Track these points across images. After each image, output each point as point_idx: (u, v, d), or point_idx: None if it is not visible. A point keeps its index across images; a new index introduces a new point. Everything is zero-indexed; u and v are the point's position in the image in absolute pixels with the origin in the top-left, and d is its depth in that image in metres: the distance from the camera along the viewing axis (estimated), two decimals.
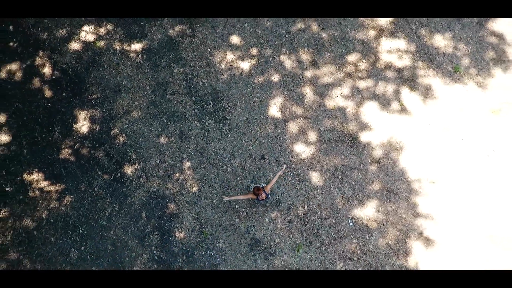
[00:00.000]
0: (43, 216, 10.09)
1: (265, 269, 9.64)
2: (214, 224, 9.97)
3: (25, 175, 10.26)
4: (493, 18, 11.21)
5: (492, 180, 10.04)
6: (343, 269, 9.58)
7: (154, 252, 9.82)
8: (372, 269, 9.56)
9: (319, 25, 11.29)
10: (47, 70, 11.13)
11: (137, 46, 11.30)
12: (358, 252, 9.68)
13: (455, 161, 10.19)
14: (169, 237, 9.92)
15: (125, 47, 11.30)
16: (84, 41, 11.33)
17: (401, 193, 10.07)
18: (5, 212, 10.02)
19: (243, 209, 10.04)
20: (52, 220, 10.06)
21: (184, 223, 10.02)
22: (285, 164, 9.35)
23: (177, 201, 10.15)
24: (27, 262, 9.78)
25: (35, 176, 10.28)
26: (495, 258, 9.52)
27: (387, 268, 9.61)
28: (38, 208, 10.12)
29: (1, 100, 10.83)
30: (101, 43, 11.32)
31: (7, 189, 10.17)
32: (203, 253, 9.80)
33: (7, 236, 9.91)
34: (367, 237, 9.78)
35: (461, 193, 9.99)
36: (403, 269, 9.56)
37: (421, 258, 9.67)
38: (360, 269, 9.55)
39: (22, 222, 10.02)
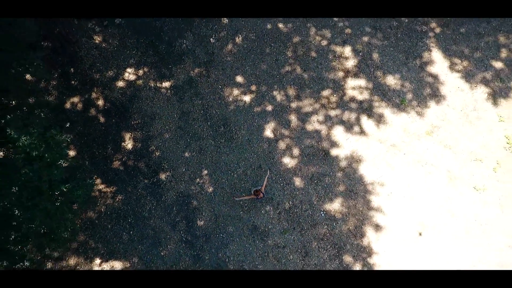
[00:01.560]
0: (102, 210, 14.12)
1: (261, 247, 13.65)
2: (225, 215, 13.98)
3: (88, 181, 14.27)
4: (431, 63, 15.21)
5: (425, 182, 14.03)
6: (317, 247, 13.59)
7: (182, 235, 13.84)
8: (336, 246, 13.57)
9: (301, 68, 15.31)
10: (100, 102, 15.17)
11: (166, 84, 15.33)
12: (328, 234, 13.69)
13: (398, 169, 14.19)
14: (193, 224, 13.93)
15: (158, 84, 15.33)
16: (127, 80, 15.37)
17: (359, 193, 14.08)
18: (74, 207, 14.03)
19: (246, 205, 14.05)
20: (108, 213, 14.08)
21: (203, 214, 14.03)
22: (269, 170, 13.38)
23: (198, 199, 14.17)
24: (92, 242, 13.81)
25: (95, 180, 14.29)
26: (422, 240, 13.51)
27: (348, 246, 13.62)
28: (98, 204, 14.14)
29: (68, 125, 14.85)
30: (140, 82, 15.36)
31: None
32: (217, 236, 13.81)
33: (76, 224, 13.92)
34: (334, 224, 13.78)
35: (402, 192, 13.99)
36: (359, 246, 13.57)
37: (372, 239, 13.67)
38: (328, 246, 13.56)
39: (87, 214, 14.04)
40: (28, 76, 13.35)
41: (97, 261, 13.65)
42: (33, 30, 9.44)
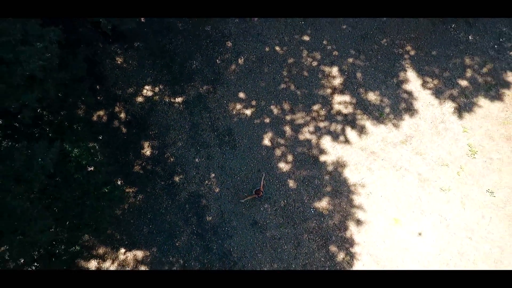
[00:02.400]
0: (125, 207, 16.70)
1: (260, 238, 16.23)
2: (229, 212, 16.57)
3: (118, 183, 16.86)
4: (406, 81, 17.78)
5: (399, 183, 16.61)
6: (307, 238, 16.17)
7: (194, 228, 16.44)
8: (324, 238, 16.15)
9: (295, 86, 17.91)
10: (122, 115, 17.75)
11: (179, 99, 17.92)
12: (316, 228, 16.28)
13: (377, 173, 16.78)
14: (202, 219, 16.53)
15: (171, 100, 17.92)
16: (145, 96, 17.97)
17: (343, 193, 16.67)
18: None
19: (247, 203, 16.64)
20: (131, 209, 16.68)
21: (211, 211, 16.62)
22: (264, 172, 15.98)
23: (206, 198, 16.76)
24: (117, 235, 16.39)
25: (119, 182, 16.87)
26: (396, 233, 16.10)
27: (333, 238, 16.20)
28: (123, 202, 16.70)
29: (93, 135, 17.41)
30: (156, 97, 17.95)
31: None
32: (223, 229, 16.40)
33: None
34: (322, 219, 16.38)
35: (380, 192, 16.57)
36: (343, 238, 16.15)
37: (354, 232, 16.25)
38: (316, 238, 16.14)
39: (114, 211, 16.61)
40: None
41: (122, 250, 16.26)
42: (83, 67, 11.94)
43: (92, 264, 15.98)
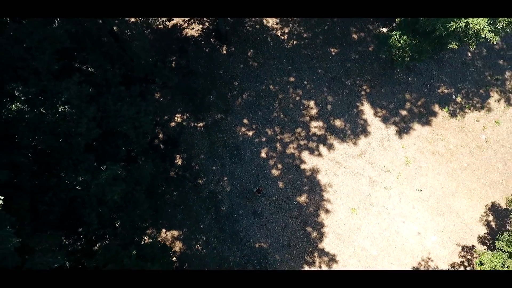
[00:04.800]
0: (168, 203, 24.19)
1: (258, 222, 23.73)
2: (237, 204, 24.08)
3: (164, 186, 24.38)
4: (363, 111, 25.33)
5: (356, 184, 24.13)
6: (291, 222, 23.68)
7: (212, 215, 23.95)
8: (302, 222, 23.65)
9: (284, 114, 25.46)
10: (161, 135, 25.29)
11: (200, 124, 25.45)
12: (297, 215, 23.80)
13: (341, 177, 24.29)
14: (218, 209, 24.05)
15: (195, 124, 25.45)
16: (177, 122, 25.50)
17: (317, 191, 24.19)
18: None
19: (249, 198, 24.13)
20: (168, 202, 24.18)
21: (224, 203, 24.15)
22: (261, 183, 23.53)
23: (221, 194, 24.28)
24: (160, 220, 23.85)
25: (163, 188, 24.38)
26: (353, 219, 23.60)
27: (309, 222, 23.70)
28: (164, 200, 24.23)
29: (150, 153, 24.88)
30: (184, 123, 25.48)
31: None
32: (233, 216, 23.90)
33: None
34: (302, 209, 23.91)
35: (342, 190, 24.09)
36: (316, 222, 23.66)
37: (324, 218, 23.77)
38: (298, 222, 23.65)
39: (157, 203, 24.12)
40: None
41: (163, 231, 23.76)
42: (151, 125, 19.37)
43: (147, 239, 23.49)
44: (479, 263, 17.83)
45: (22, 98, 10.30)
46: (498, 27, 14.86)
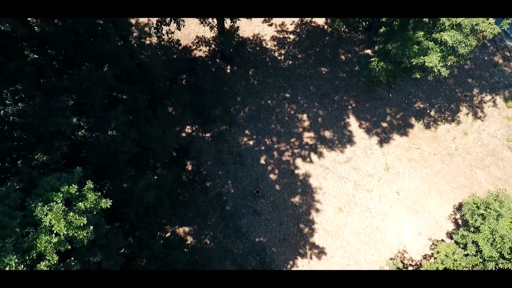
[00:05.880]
0: (180, 203, 28.22)
1: (258, 220, 27.75)
2: (240, 204, 28.13)
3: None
4: (349, 124, 29.38)
5: (342, 187, 28.15)
6: (286, 219, 27.71)
7: (219, 214, 28.00)
8: (296, 219, 27.67)
9: (280, 126, 29.47)
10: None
11: (208, 134, 29.50)
12: (292, 213, 27.84)
13: (329, 180, 28.32)
14: (224, 209, 28.09)
15: (203, 135, 29.48)
16: (187, 132, 29.55)
17: (309, 192, 28.23)
18: None
19: (250, 198, 28.16)
20: (184, 205, 28.20)
21: (229, 203, 28.20)
22: (260, 186, 27.59)
23: (226, 196, 28.33)
24: (173, 218, 27.87)
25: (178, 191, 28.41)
26: (340, 216, 27.65)
27: (302, 219, 27.73)
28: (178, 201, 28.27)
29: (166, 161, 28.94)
30: (194, 133, 29.53)
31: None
32: (236, 214, 27.94)
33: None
34: (295, 208, 27.95)
35: (331, 192, 28.12)
36: (308, 219, 27.68)
37: (314, 216, 27.82)
38: (292, 219, 27.67)
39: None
40: None
41: (176, 226, 27.79)
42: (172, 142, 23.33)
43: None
44: (437, 252, 21.84)
45: (85, 127, 14.22)
46: (447, 64, 18.86)
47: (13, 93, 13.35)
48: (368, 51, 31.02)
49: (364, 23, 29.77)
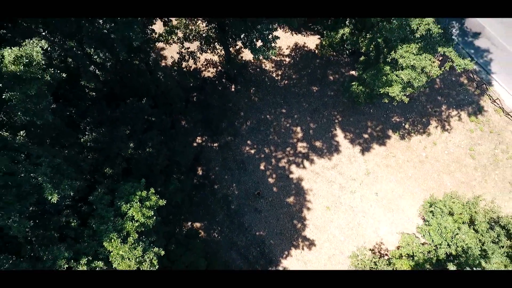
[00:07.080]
0: (193, 202, 33.61)
1: (258, 217, 33.13)
2: (243, 204, 33.54)
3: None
4: (336, 135, 34.81)
5: (329, 188, 33.56)
6: (282, 216, 33.10)
7: (225, 212, 33.41)
8: (290, 217, 33.06)
9: (277, 137, 34.90)
10: None
11: (215, 144, 34.93)
12: (287, 211, 33.25)
13: (319, 183, 33.74)
14: (229, 208, 33.50)
15: (211, 145, 34.90)
16: (198, 143, 34.99)
17: (301, 194, 33.65)
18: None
19: (252, 199, 33.54)
20: (195, 204, 33.60)
21: (234, 203, 33.62)
22: (260, 189, 33.02)
23: (231, 196, 33.74)
24: (187, 215, 33.28)
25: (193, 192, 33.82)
26: (327, 213, 33.05)
27: (296, 216, 33.12)
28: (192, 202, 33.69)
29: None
30: (203, 143, 34.94)
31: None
32: (240, 212, 33.37)
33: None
34: (290, 207, 33.38)
35: (320, 193, 33.53)
36: (300, 216, 33.07)
37: (306, 213, 33.24)
38: (287, 217, 33.07)
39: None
40: None
41: (189, 223, 33.18)
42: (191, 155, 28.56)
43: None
44: (402, 241, 27.28)
45: (131, 146, 19.57)
46: (407, 94, 24.22)
47: (86, 124, 18.64)
48: (353, 72, 36.41)
49: (347, 51, 35.15)
